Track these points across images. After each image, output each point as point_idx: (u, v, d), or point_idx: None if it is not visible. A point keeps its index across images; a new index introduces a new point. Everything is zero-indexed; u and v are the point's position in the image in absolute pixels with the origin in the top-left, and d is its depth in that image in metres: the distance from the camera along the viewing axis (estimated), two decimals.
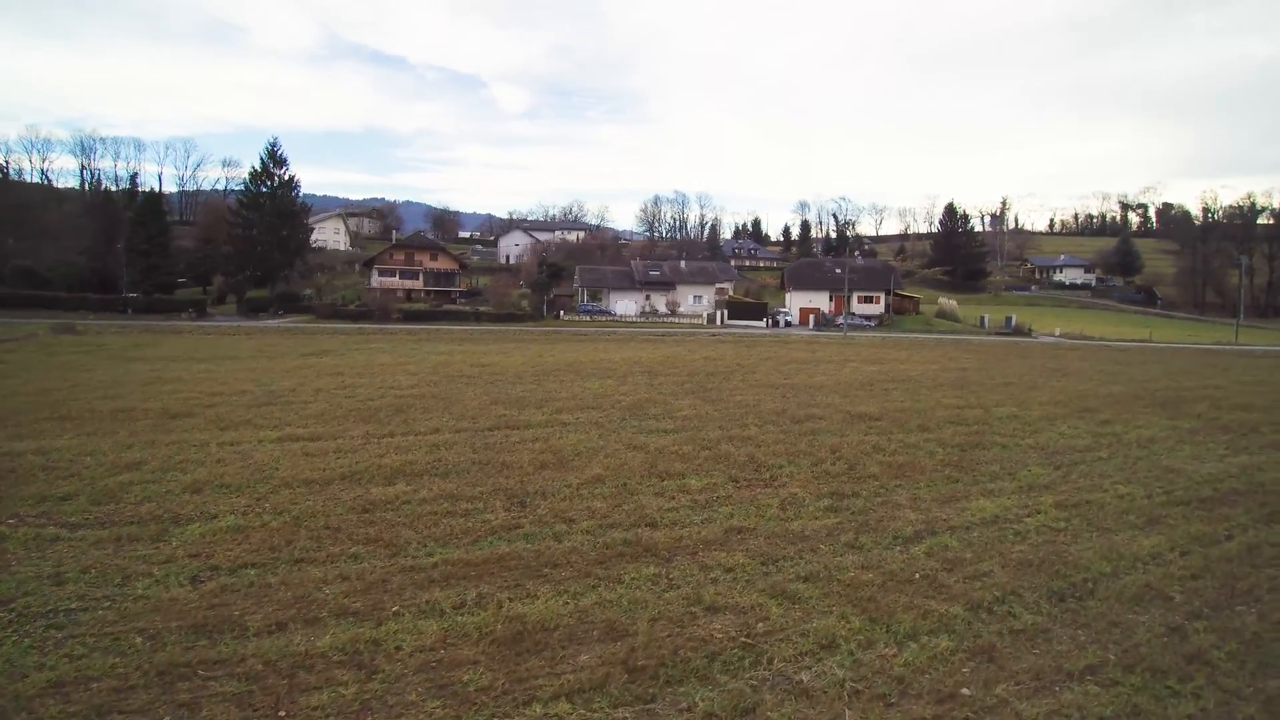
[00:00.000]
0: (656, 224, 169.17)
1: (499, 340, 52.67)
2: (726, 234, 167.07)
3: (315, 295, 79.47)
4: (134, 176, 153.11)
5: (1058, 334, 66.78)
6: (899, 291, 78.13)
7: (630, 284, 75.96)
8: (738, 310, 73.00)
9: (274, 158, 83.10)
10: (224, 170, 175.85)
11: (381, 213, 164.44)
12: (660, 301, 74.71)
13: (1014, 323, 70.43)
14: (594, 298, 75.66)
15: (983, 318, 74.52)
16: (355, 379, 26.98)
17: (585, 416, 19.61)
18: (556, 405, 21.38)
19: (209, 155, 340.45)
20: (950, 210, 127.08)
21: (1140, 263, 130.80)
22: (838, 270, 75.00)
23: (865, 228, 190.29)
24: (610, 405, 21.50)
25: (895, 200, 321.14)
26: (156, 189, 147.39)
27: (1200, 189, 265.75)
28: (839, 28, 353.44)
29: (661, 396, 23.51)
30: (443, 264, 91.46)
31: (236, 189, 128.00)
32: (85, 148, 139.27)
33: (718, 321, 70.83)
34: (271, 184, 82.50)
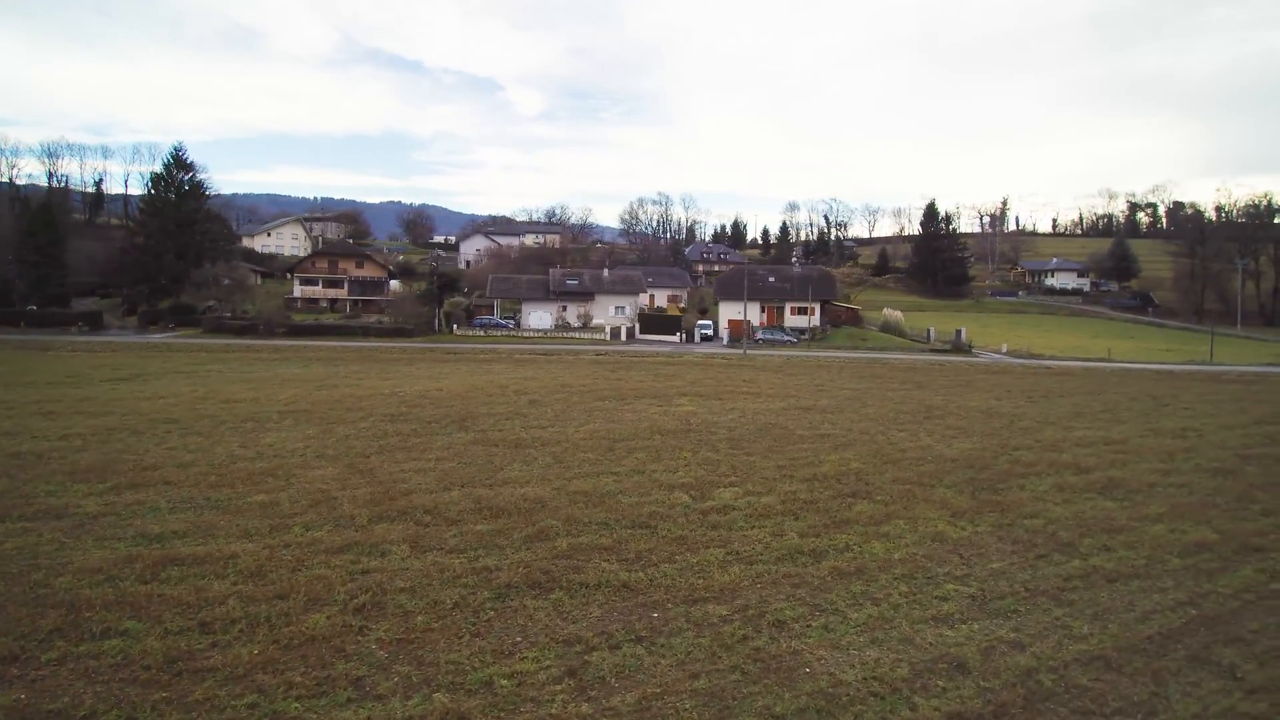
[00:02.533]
0: (634, 226, 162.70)
1: (358, 361, 46.85)
2: (706, 236, 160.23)
3: (218, 307, 74.07)
4: (99, 182, 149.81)
5: (1004, 350, 59.46)
6: (837, 302, 71.04)
7: (545, 294, 69.62)
8: (650, 324, 66.43)
9: (179, 162, 78.24)
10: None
11: (351, 216, 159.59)
12: (576, 314, 68.36)
13: (963, 337, 63.12)
14: (510, 309, 69.48)
15: (929, 331, 67.27)
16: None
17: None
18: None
19: (195, 160, 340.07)
20: (930, 211, 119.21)
21: (1137, 266, 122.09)
22: (770, 279, 68.16)
23: (859, 229, 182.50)
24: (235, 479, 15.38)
25: (900, 200, 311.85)
26: (123, 193, 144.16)
27: (1215, 187, 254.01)
28: (857, 27, 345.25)
29: (301, 462, 17.34)
30: (369, 272, 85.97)
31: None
32: (51, 153, 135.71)
33: (622, 336, 64.27)
34: (176, 190, 77.42)
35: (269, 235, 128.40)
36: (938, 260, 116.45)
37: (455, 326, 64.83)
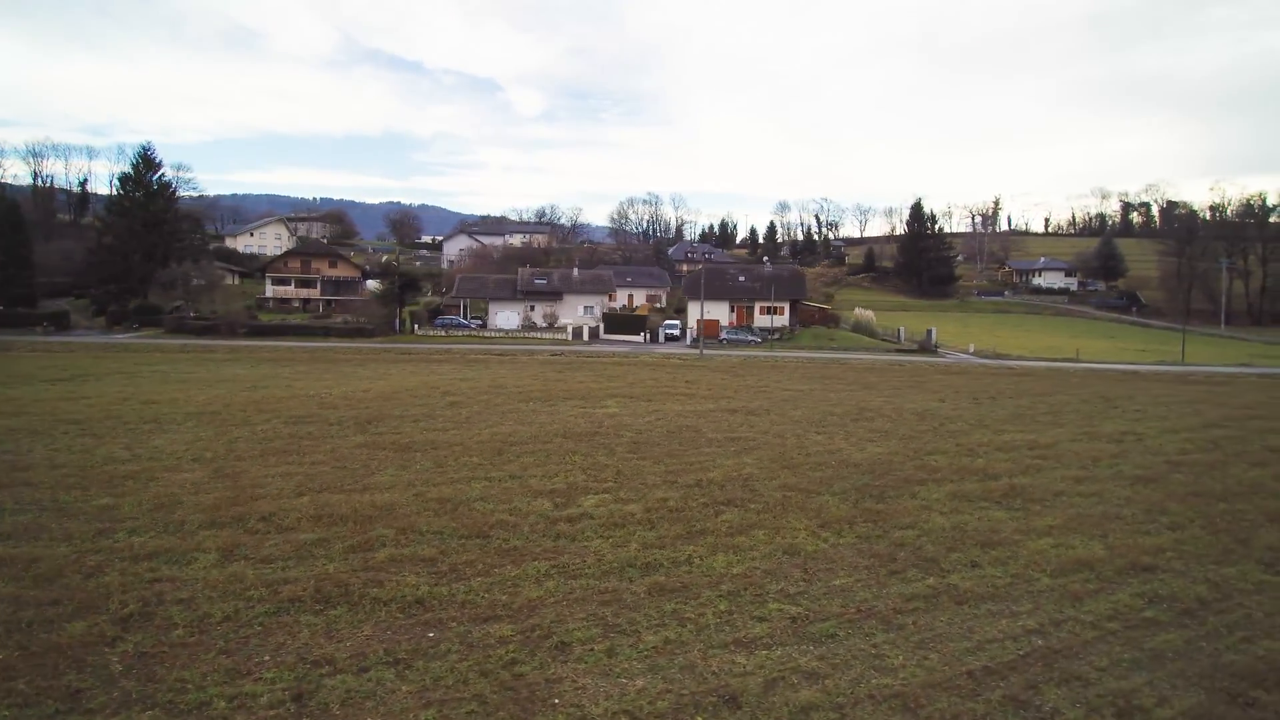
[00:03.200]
0: (624, 226, 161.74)
1: (308, 362, 46.08)
2: (695, 236, 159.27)
3: (185, 307, 73.22)
4: (84, 182, 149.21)
5: (971, 350, 58.43)
6: (808, 302, 69.98)
7: (512, 294, 68.63)
8: (615, 324, 65.41)
9: (147, 162, 77.33)
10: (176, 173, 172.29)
11: (337, 216, 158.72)
12: (542, 314, 67.38)
13: (933, 338, 62.10)
14: (477, 309, 68.52)
15: (899, 331, 66.25)
16: None
17: None
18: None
19: (183, 161, 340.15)
20: (916, 210, 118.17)
21: (1124, 265, 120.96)
22: (741, 279, 67.13)
23: (850, 229, 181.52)
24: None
25: (897, 199, 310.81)
26: (109, 193, 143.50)
27: (1209, 186, 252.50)
28: (857, 28, 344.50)
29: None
30: (342, 271, 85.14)
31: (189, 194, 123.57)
32: (36, 153, 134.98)
33: (585, 336, 63.27)
34: (144, 189, 76.57)
35: (251, 235, 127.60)
36: (923, 260, 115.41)
37: (417, 327, 63.90)
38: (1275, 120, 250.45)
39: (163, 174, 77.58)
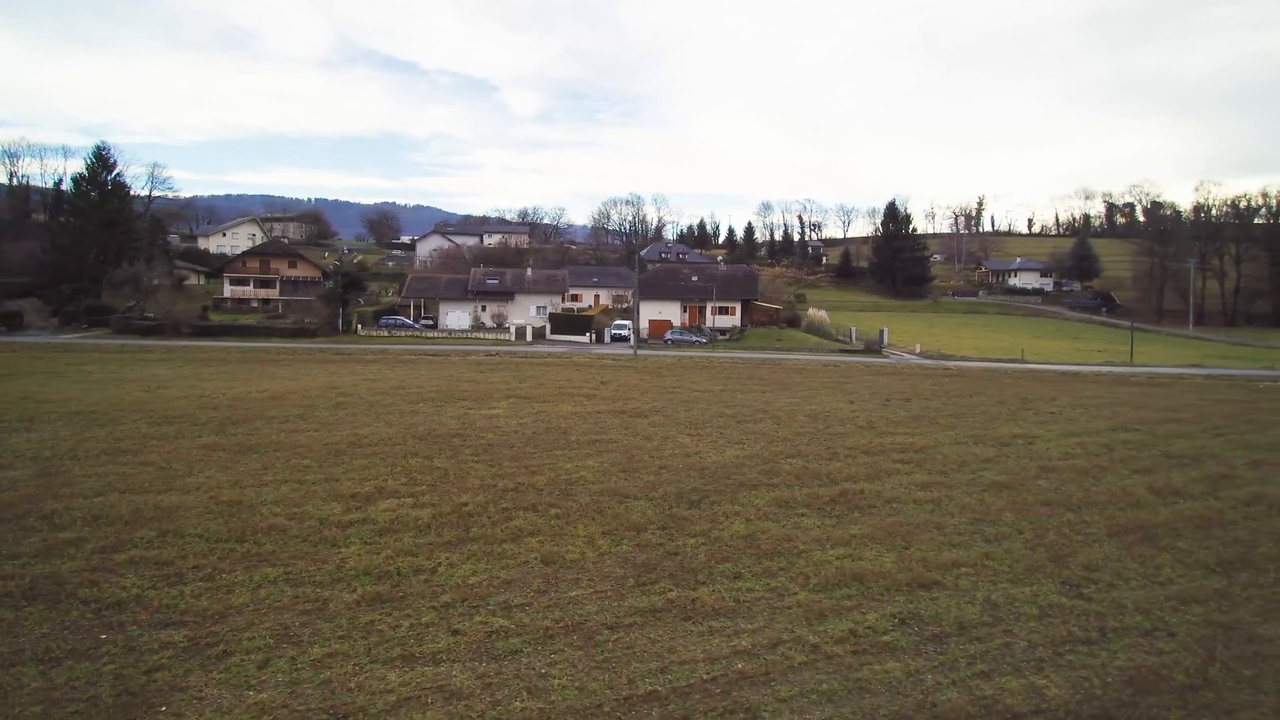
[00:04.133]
0: (606, 225, 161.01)
1: (239, 362, 45.33)
2: (675, 236, 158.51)
3: (137, 307, 72.34)
4: (58, 183, 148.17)
5: (917, 351, 57.78)
6: (760, 302, 69.27)
7: (463, 294, 67.84)
8: (562, 324, 64.63)
9: (102, 161, 76.39)
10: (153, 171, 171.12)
11: (314, 216, 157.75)
12: (491, 314, 66.62)
13: (885, 338, 61.42)
14: (428, 309, 67.76)
15: (851, 331, 65.60)
16: None
17: None
18: None
19: (177, 161, 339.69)
20: (891, 210, 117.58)
21: (1098, 266, 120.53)
22: (694, 279, 66.42)
23: (833, 229, 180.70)
24: None
25: (883, 200, 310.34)
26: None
27: (1194, 186, 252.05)
28: (856, 29, 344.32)
29: None
30: (303, 272, 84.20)
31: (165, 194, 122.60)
32: (11, 154, 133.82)
33: (528, 336, 62.45)
34: (99, 189, 75.70)
35: (224, 236, 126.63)
36: (897, 260, 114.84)
37: (360, 327, 63.09)
38: (1267, 122, 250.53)
39: (118, 174, 76.63)
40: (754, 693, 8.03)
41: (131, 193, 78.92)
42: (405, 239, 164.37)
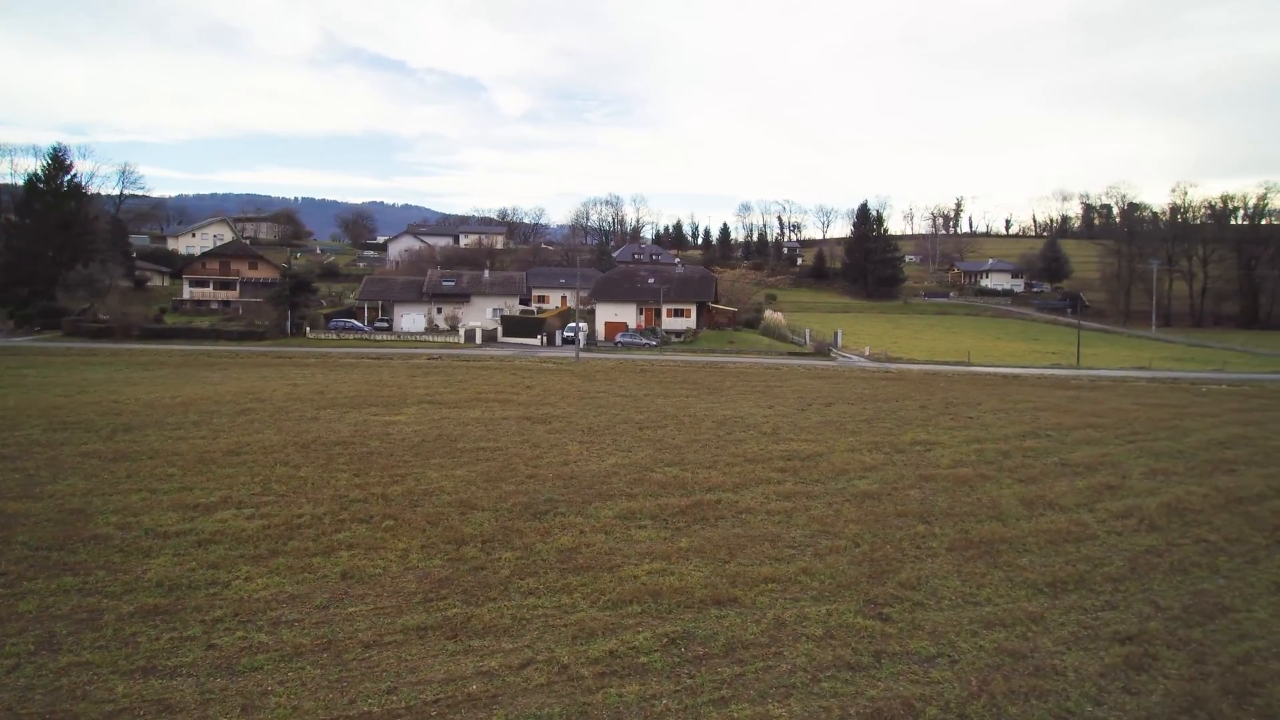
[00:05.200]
0: (585, 224, 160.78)
1: (177, 365, 44.86)
2: (653, 236, 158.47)
3: (92, 309, 71.50)
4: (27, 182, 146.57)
5: (866, 353, 57.78)
6: (716, 304, 69.13)
7: (418, 296, 67.39)
8: (513, 327, 64.29)
9: (58, 162, 75.53)
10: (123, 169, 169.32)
11: (288, 216, 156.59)
12: (445, 316, 66.21)
13: (839, 340, 61.42)
14: (385, 311, 67.27)
15: (806, 332, 65.56)
16: None
17: None
18: None
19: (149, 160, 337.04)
20: (863, 212, 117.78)
21: (1068, 267, 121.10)
22: (650, 281, 66.22)
23: (813, 230, 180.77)
24: None
25: (857, 201, 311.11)
26: None
27: (1170, 187, 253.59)
28: (844, 31, 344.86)
29: None
30: (263, 273, 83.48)
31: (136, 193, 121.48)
32: None
33: (478, 339, 62.08)
34: (55, 190, 74.81)
35: (193, 236, 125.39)
36: (869, 261, 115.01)
37: (309, 329, 62.54)
38: (1248, 124, 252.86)
39: (75, 175, 75.80)
40: (470, 716, 7.83)
41: (91, 193, 78.15)
42: (381, 239, 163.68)
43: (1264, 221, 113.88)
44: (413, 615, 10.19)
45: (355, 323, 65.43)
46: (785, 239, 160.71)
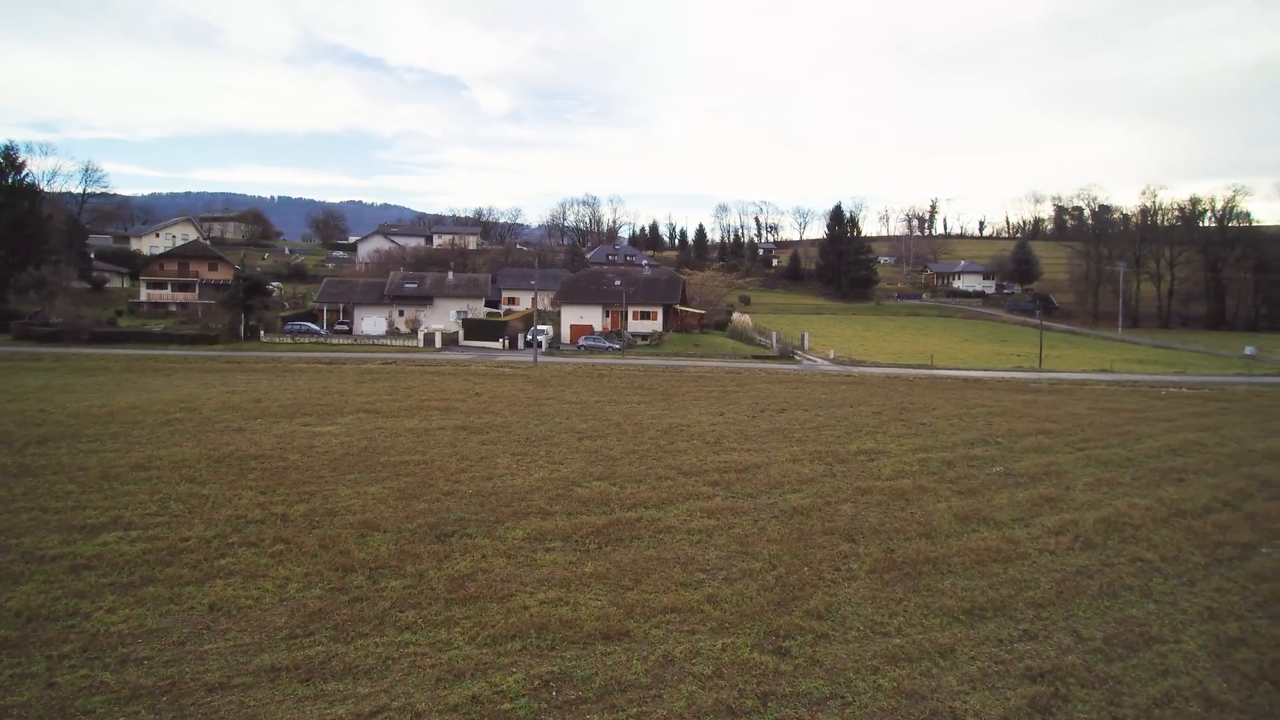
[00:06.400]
0: (562, 224, 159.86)
1: (121, 371, 43.51)
2: (629, 236, 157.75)
3: (44, 312, 69.53)
4: None
5: (831, 356, 57.46)
6: (682, 306, 68.55)
7: (379, 299, 66.14)
8: (475, 330, 63.26)
9: (10, 161, 73.46)
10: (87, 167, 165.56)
11: (255, 215, 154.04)
12: (406, 319, 65.04)
13: (806, 343, 61.04)
14: (346, 314, 65.91)
15: (773, 335, 65.15)
16: None
17: None
18: None
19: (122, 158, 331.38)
20: (837, 213, 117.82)
21: (1038, 269, 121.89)
22: (616, 283, 65.48)
23: (790, 232, 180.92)
24: None
25: (835, 202, 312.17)
26: None
27: (1140, 190, 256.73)
28: (825, 33, 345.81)
29: None
30: (224, 274, 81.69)
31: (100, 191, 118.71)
32: None
33: (437, 343, 61.03)
34: (5, 191, 72.74)
35: (157, 236, 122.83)
36: (843, 263, 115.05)
37: (263, 333, 61.09)
38: (1220, 128, 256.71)
39: (27, 174, 73.74)
40: None
41: (51, 191, 76.03)
42: (352, 239, 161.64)
43: (1231, 224, 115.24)
44: (271, 654, 9.40)
45: (312, 326, 63.96)
46: (762, 240, 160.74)
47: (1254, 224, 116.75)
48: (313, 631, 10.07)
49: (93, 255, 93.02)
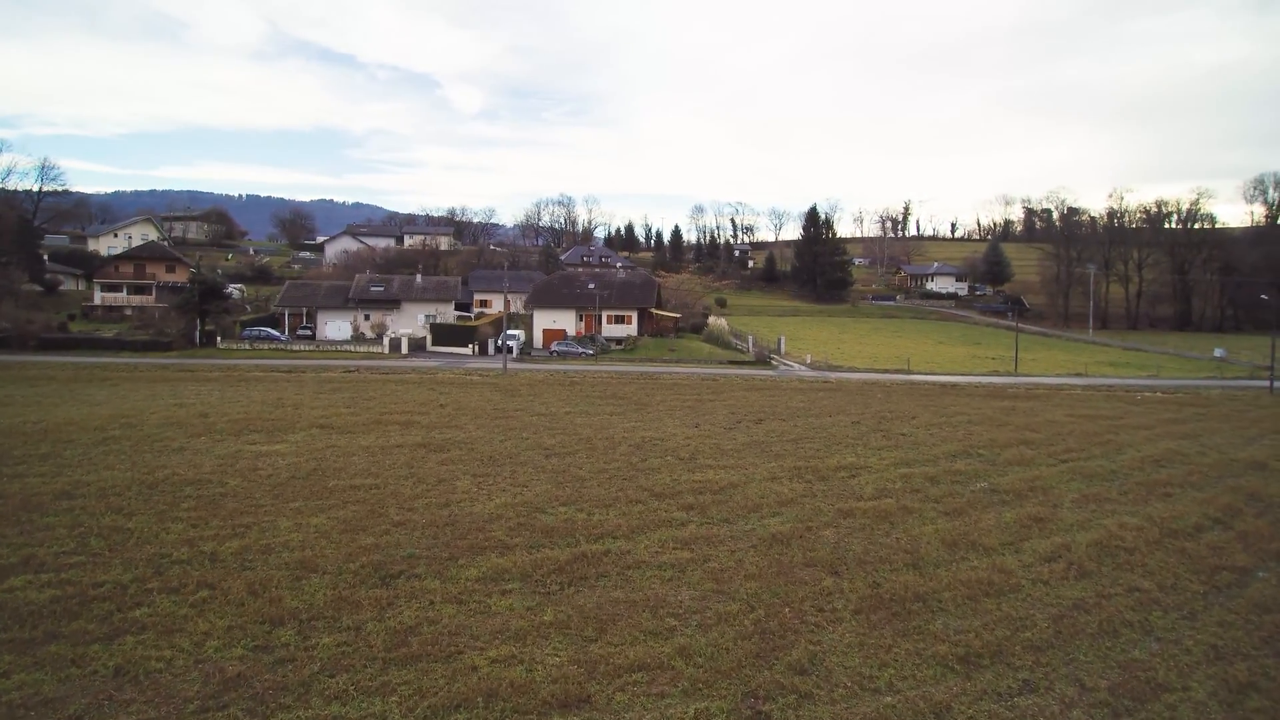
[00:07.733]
0: (537, 224, 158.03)
1: (64, 381, 41.41)
2: (604, 237, 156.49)
3: None
4: None
5: (808, 361, 56.77)
6: (658, 309, 67.53)
7: (343, 302, 64.24)
8: (444, 335, 61.68)
9: None
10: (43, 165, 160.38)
11: (219, 215, 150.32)
12: (371, 324, 63.24)
13: (782, 346, 60.29)
14: (309, 318, 63.92)
15: (750, 339, 64.35)
16: None
17: None
18: None
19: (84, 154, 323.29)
20: (812, 215, 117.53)
21: (1009, 270, 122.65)
22: (590, 286, 64.23)
23: (766, 233, 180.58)
24: None
25: (810, 204, 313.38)
26: None
27: (1108, 192, 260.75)
28: (801, 36, 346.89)
29: None
30: (181, 276, 79.09)
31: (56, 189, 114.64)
32: None
33: (403, 349, 59.37)
34: None
35: (115, 236, 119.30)
36: (818, 265, 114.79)
37: (220, 339, 58.90)
38: (1187, 131, 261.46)
39: None
40: None
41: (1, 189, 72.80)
42: (320, 239, 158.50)
43: (1196, 226, 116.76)
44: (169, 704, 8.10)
45: (271, 331, 61.74)
46: (738, 241, 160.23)
47: (1219, 226, 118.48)
48: (227, 704, 8.77)
49: (46, 257, 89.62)
